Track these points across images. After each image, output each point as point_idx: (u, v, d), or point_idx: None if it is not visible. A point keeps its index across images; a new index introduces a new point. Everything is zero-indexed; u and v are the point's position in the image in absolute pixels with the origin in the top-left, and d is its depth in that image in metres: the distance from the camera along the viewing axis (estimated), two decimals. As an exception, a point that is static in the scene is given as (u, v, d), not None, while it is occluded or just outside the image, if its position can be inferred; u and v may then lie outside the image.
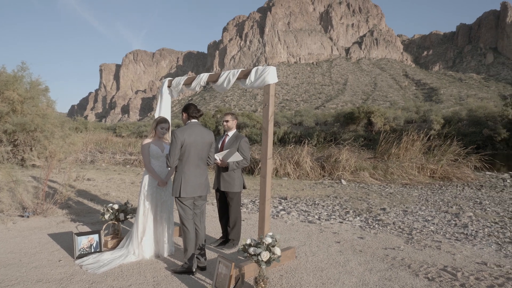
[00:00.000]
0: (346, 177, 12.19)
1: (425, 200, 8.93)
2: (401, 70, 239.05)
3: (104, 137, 28.57)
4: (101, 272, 4.05)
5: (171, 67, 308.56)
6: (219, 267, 3.72)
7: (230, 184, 4.89)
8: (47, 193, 7.11)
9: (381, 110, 41.98)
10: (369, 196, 9.36)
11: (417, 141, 13.96)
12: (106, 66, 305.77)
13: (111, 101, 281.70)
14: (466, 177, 12.34)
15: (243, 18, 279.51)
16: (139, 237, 4.49)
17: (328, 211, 7.61)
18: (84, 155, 18.36)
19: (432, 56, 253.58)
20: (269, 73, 4.10)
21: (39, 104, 13.21)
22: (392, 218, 6.93)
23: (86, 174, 11.80)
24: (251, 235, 5.63)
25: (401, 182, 11.71)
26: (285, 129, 38.67)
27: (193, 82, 4.93)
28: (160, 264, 4.33)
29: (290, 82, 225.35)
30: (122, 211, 5.16)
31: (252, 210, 7.67)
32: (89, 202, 7.97)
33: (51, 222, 6.22)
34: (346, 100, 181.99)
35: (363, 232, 5.91)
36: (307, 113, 58.08)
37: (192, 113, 4.18)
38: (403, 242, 5.37)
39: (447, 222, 6.66)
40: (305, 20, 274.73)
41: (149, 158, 4.55)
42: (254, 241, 3.73)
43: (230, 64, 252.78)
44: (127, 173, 13.26)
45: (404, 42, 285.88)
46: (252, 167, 13.40)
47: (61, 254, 4.64)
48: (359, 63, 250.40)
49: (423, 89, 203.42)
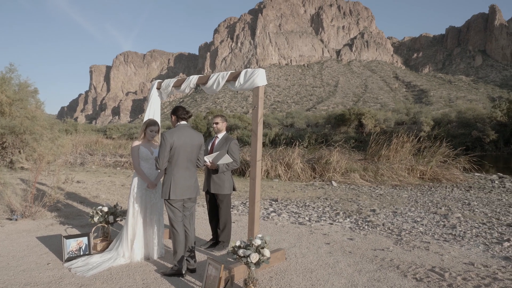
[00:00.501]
0: (337, 179, 12.27)
1: (414, 201, 9.03)
2: (391, 72, 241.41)
3: (94, 139, 28.32)
4: (90, 275, 4.02)
5: (162, 69, 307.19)
6: (208, 269, 3.72)
7: (220, 186, 4.90)
8: (36, 196, 7.03)
9: (372, 112, 42.32)
10: (359, 198, 9.44)
11: (407, 143, 14.10)
12: (97, 68, 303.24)
13: (101, 103, 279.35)
14: (455, 178, 12.51)
15: (234, 20, 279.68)
16: (129, 239, 4.47)
17: (319, 213, 7.65)
18: (74, 157, 18.19)
19: (422, 58, 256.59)
20: (258, 76, 4.13)
21: (28, 106, 13.04)
22: (381, 219, 6.99)
23: (75, 177, 11.68)
24: (241, 237, 5.64)
25: (391, 184, 11.82)
26: (276, 131, 38.76)
27: (182, 84, 4.93)
28: (149, 266, 4.31)
29: (282, 84, 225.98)
30: (112, 214, 5.13)
31: (242, 212, 7.68)
32: (79, 204, 7.90)
33: (40, 225, 6.16)
34: (337, 102, 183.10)
35: (353, 234, 5.96)
36: (298, 115, 58.28)
37: (181, 115, 4.18)
38: (392, 243, 5.43)
39: (436, 223, 6.75)
40: (296, 22, 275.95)
41: (138, 160, 4.54)
42: (244, 243, 3.74)
43: (222, 66, 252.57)
44: (117, 175, 13.16)
45: (394, 44, 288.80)
46: (243, 169, 13.40)
47: (49, 257, 4.60)
48: (350, 65, 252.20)
49: (413, 91, 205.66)
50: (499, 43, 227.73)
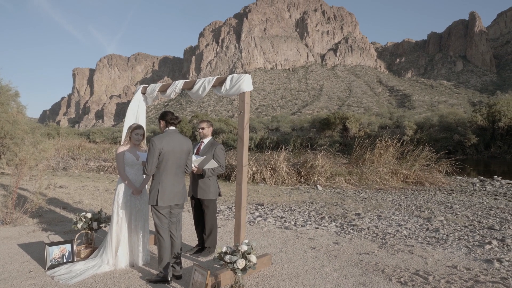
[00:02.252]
0: (322, 183, 12.36)
1: (398, 204, 9.16)
2: (375, 77, 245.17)
3: (77, 143, 27.86)
4: (73, 282, 3.94)
5: (147, 72, 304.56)
6: (194, 276, 3.70)
7: (205, 192, 4.88)
8: (17, 202, 6.86)
9: (356, 116, 42.84)
10: (344, 202, 9.53)
11: (391, 147, 14.32)
12: (80, 71, 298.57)
13: (84, 106, 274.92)
14: (438, 182, 12.76)
15: (220, 24, 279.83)
16: (113, 246, 4.41)
17: (304, 217, 7.69)
18: (56, 162, 17.83)
19: (405, 63, 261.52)
20: (244, 81, 4.14)
21: (9, 110, 12.75)
22: (366, 223, 7.08)
23: (58, 182, 11.45)
24: (227, 242, 5.62)
25: (376, 187, 11.98)
26: (262, 135, 38.84)
27: (168, 89, 4.90)
28: (134, 273, 4.26)
29: (267, 88, 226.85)
30: (96, 220, 5.05)
31: (228, 216, 7.66)
32: (61, 210, 7.74)
33: (21, 231, 6.01)
34: (322, 106, 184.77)
35: (338, 238, 6.01)
36: (283, 119, 58.56)
37: (170, 120, 4.14)
38: (377, 247, 5.49)
39: (419, 227, 6.86)
40: (281, 26, 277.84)
41: (123, 166, 4.48)
42: (230, 248, 3.74)
43: (207, 70, 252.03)
44: (101, 180, 12.96)
45: (378, 49, 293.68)
46: (228, 174, 13.37)
47: (31, 265, 4.49)
48: (334, 69, 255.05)
49: (396, 96, 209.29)
50: (479, 49, 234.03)
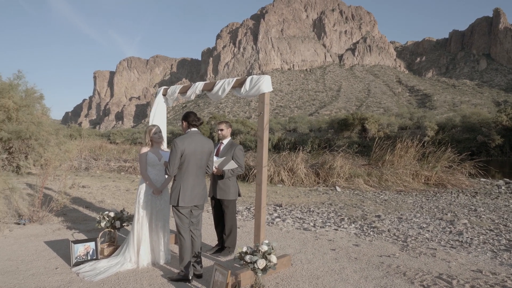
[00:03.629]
0: (341, 184, 12.26)
1: (419, 207, 9.00)
2: (394, 77, 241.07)
3: (98, 144, 28.46)
4: (97, 279, 4.05)
5: (165, 74, 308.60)
6: (215, 275, 3.74)
7: (225, 192, 4.93)
8: (42, 201, 7.08)
9: (375, 117, 42.24)
10: (364, 203, 9.42)
11: (411, 148, 14.07)
12: (100, 73, 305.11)
13: (105, 108, 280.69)
14: (461, 184, 12.46)
15: (237, 25, 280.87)
16: (135, 245, 4.50)
17: (323, 218, 7.65)
18: (78, 162, 18.27)
19: (425, 63, 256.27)
20: (263, 82, 4.16)
21: (34, 111, 13.15)
22: (387, 225, 6.98)
23: (81, 182, 11.75)
24: (246, 242, 5.65)
25: (396, 189, 11.80)
26: (279, 136, 38.76)
27: (188, 90, 4.97)
28: (156, 271, 4.33)
29: (284, 89, 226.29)
30: (118, 219, 5.17)
31: (247, 217, 7.69)
32: (85, 209, 7.94)
33: (47, 229, 6.20)
34: (340, 106, 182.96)
35: (358, 240, 5.96)
36: (301, 120, 58.25)
37: (193, 121, 4.19)
38: (398, 249, 5.42)
39: (442, 229, 6.73)
40: (298, 27, 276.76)
41: (146, 166, 4.58)
42: (250, 248, 3.76)
43: (224, 71, 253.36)
44: (121, 180, 13.22)
45: (397, 48, 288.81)
46: (246, 174, 13.41)
47: (57, 261, 4.63)
48: (353, 69, 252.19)
49: (416, 96, 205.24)
50: (504, 46, 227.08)
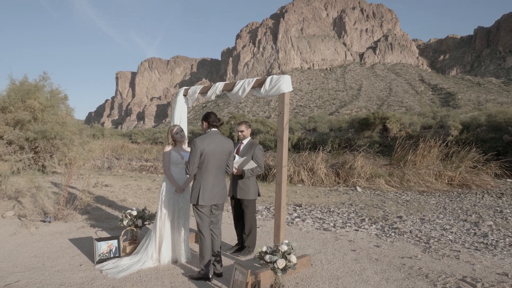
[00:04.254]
0: (361, 184, 12.10)
1: (443, 208, 8.79)
2: (416, 75, 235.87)
3: (120, 144, 29.06)
4: (120, 277, 4.14)
5: (185, 74, 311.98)
6: (235, 274, 3.76)
7: (245, 192, 4.95)
8: (67, 199, 7.29)
9: (397, 116, 41.39)
10: (385, 204, 9.28)
11: (434, 148, 13.75)
12: (122, 74, 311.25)
13: (127, 108, 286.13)
14: (486, 185, 12.09)
15: (256, 25, 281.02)
16: (157, 242, 4.58)
17: (344, 219, 7.58)
18: (101, 162, 18.72)
19: (449, 61, 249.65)
20: (284, 82, 4.15)
21: (59, 112, 13.56)
22: (409, 226, 6.85)
23: (104, 181, 12.03)
24: (266, 242, 5.66)
25: (418, 190, 11.55)
26: (299, 135, 38.53)
27: (208, 91, 5.02)
28: (177, 270, 4.40)
29: (304, 88, 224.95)
30: (140, 217, 5.27)
31: (266, 217, 7.69)
32: (107, 208, 8.13)
33: (72, 227, 6.38)
34: (361, 105, 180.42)
35: (379, 240, 5.87)
36: (321, 119, 57.73)
37: (213, 122, 4.25)
38: (421, 251, 5.31)
39: (466, 231, 6.55)
40: (318, 26, 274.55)
41: (169, 164, 4.65)
42: (270, 248, 3.76)
43: (244, 71, 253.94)
44: (143, 179, 13.45)
45: (420, 46, 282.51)
46: (266, 174, 13.42)
47: (82, 258, 4.76)
48: (374, 68, 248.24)
49: (439, 94, 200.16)
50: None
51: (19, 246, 5.23)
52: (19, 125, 12.32)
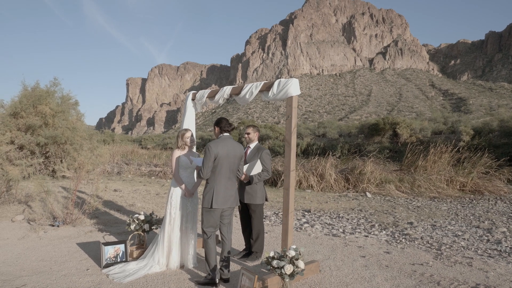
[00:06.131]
0: (371, 190, 11.95)
1: (454, 214, 8.62)
2: (427, 80, 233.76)
3: (130, 149, 29.23)
4: (126, 281, 4.12)
5: (195, 80, 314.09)
6: (242, 280, 3.71)
7: (252, 196, 4.90)
8: (76, 203, 7.32)
9: (407, 121, 40.99)
10: (395, 210, 9.13)
11: (446, 153, 13.55)
12: (133, 80, 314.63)
13: (137, 114, 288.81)
14: (499, 191, 11.84)
15: (266, 31, 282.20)
16: (165, 247, 4.55)
17: (353, 225, 7.47)
18: (111, 167, 18.84)
19: (460, 65, 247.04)
20: (291, 85, 4.13)
21: (69, 117, 13.70)
22: (419, 233, 6.72)
23: (113, 185, 12.10)
24: (274, 247, 5.59)
25: (429, 195, 11.37)
26: (308, 141, 38.39)
27: (216, 95, 5.01)
28: (184, 275, 4.36)
29: (313, 94, 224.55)
30: (147, 222, 5.26)
31: (275, 222, 7.62)
32: (116, 212, 8.14)
33: (80, 231, 6.40)
34: (371, 111, 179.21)
35: (390, 247, 5.76)
36: (330, 125, 57.50)
37: (224, 127, 4.27)
38: (432, 257, 5.19)
39: (479, 238, 6.39)
40: (328, 31, 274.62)
41: (178, 168, 4.63)
42: (278, 253, 3.71)
43: (253, 77, 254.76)
44: (152, 184, 13.49)
45: (430, 51, 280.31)
46: (275, 179, 13.35)
47: (89, 263, 4.75)
48: (383, 73, 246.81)
49: (450, 99, 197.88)
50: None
51: (27, 250, 5.25)
52: (31, 130, 12.47)
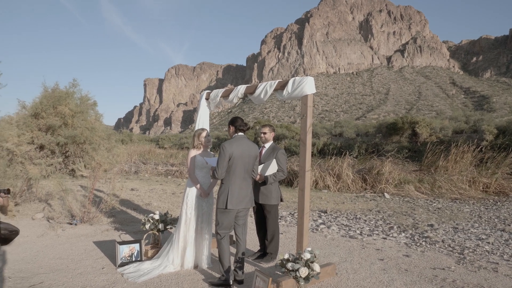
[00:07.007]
0: (390, 191, 11.71)
1: (478, 216, 8.34)
2: (447, 78, 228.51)
3: (147, 149, 29.57)
4: (141, 281, 4.11)
5: (211, 80, 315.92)
6: (256, 281, 3.64)
7: (267, 197, 4.83)
8: (93, 202, 7.41)
9: (427, 120, 40.12)
10: (415, 211, 8.90)
11: (468, 153, 13.14)
12: (150, 81, 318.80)
13: (154, 114, 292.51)
14: (524, 192, 11.41)
15: (281, 30, 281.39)
16: (180, 247, 4.52)
17: (371, 226, 7.31)
18: (128, 166, 19.08)
19: (483, 62, 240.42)
20: (306, 84, 4.03)
21: (88, 117, 13.94)
22: (441, 236, 6.51)
23: (130, 184, 12.22)
24: (289, 249, 5.50)
25: (450, 197, 11.05)
26: (325, 141, 38.02)
27: (230, 94, 4.96)
28: (198, 275, 4.32)
29: (330, 93, 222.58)
30: (162, 221, 5.25)
31: (291, 223, 7.53)
32: (132, 211, 8.20)
33: (97, 230, 6.46)
34: (389, 110, 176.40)
35: (409, 250, 5.59)
36: (347, 124, 56.84)
37: (240, 126, 4.20)
38: (454, 262, 5.00)
39: (505, 242, 6.14)
40: (344, 29, 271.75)
41: (194, 168, 4.60)
42: (292, 256, 3.63)
43: (269, 76, 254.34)
44: (168, 184, 13.58)
45: (451, 48, 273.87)
46: (291, 179, 13.24)
47: (104, 261, 4.78)
48: (402, 71, 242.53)
49: (472, 98, 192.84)
50: None
51: (45, 248, 5.32)
52: (51, 130, 12.74)
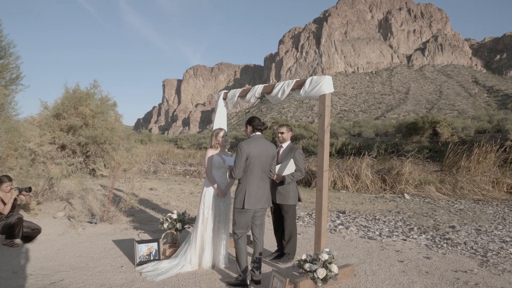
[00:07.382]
0: (410, 191, 11.48)
1: (501, 218, 8.08)
2: (470, 77, 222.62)
3: (166, 149, 29.96)
4: (158, 280, 4.15)
5: (229, 81, 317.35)
6: (273, 282, 3.62)
7: (284, 197, 4.81)
8: (112, 201, 7.53)
9: (448, 120, 39.20)
10: (436, 212, 8.70)
11: (491, 153, 12.77)
12: (169, 82, 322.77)
13: (173, 114, 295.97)
14: (551, 193, 11.00)
15: (299, 30, 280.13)
16: (197, 246, 4.54)
17: (390, 227, 7.18)
18: (147, 166, 19.36)
19: (507, 60, 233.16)
20: (324, 83, 3.99)
21: (108, 118, 14.22)
22: (463, 238, 6.34)
23: (148, 184, 12.39)
24: (307, 249, 5.46)
25: (473, 198, 10.75)
26: (343, 141, 37.63)
27: (248, 94, 4.95)
28: (215, 275, 4.33)
29: (348, 92, 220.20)
30: (180, 221, 5.29)
31: (308, 223, 7.48)
32: (151, 210, 8.31)
33: (116, 229, 6.57)
34: (409, 109, 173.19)
35: (430, 252, 5.46)
36: (366, 124, 56.13)
37: (257, 125, 4.18)
38: (477, 265, 4.86)
39: (530, 244, 5.93)
40: (363, 28, 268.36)
41: (211, 168, 4.61)
42: (310, 256, 3.59)
43: (287, 76, 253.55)
44: (186, 184, 13.70)
45: (473, 46, 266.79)
46: (309, 179, 13.16)
47: (123, 260, 4.85)
48: (422, 70, 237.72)
49: (496, 97, 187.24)
50: None
51: (66, 246, 5.45)
52: (72, 130, 13.05)
